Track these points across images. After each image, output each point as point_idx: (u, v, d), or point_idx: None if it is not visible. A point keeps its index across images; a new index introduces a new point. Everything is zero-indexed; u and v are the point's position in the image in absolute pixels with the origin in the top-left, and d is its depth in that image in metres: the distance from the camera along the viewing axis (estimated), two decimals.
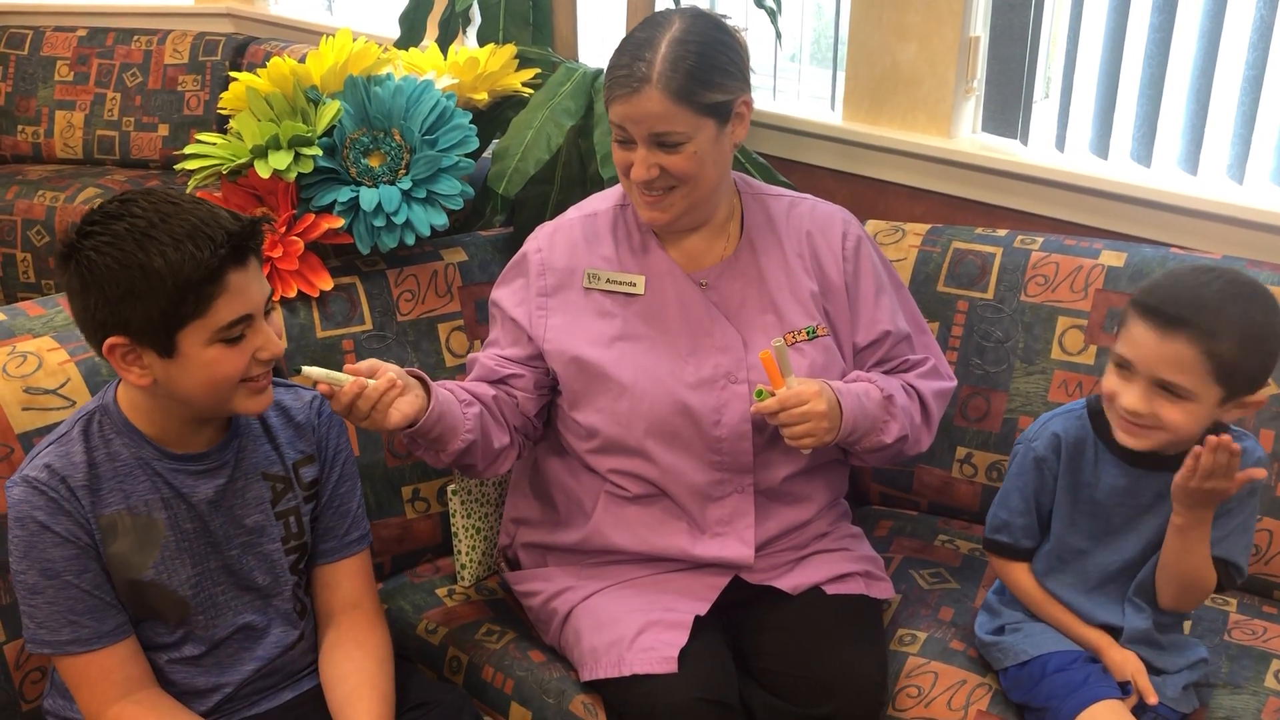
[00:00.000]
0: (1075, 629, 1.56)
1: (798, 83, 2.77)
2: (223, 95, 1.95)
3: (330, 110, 1.84)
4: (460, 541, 1.88)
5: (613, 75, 1.54)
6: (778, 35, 2.40)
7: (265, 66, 1.87)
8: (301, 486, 1.51)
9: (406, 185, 1.86)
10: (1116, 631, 1.54)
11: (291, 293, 1.82)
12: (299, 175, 1.81)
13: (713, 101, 1.53)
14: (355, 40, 1.91)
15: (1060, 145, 2.23)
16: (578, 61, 2.35)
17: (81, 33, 3.87)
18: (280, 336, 1.38)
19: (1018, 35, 2.22)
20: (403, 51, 2.19)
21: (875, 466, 2.02)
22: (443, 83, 1.99)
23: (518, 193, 1.98)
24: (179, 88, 3.77)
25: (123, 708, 1.37)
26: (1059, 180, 2.17)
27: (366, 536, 1.59)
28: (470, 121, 1.92)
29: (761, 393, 1.52)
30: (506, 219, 2.25)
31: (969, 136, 2.36)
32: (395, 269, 1.95)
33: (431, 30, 2.34)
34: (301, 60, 1.88)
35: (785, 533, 1.68)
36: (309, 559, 1.55)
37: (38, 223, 3.41)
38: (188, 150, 1.86)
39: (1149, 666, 1.52)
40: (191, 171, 1.85)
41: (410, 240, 1.86)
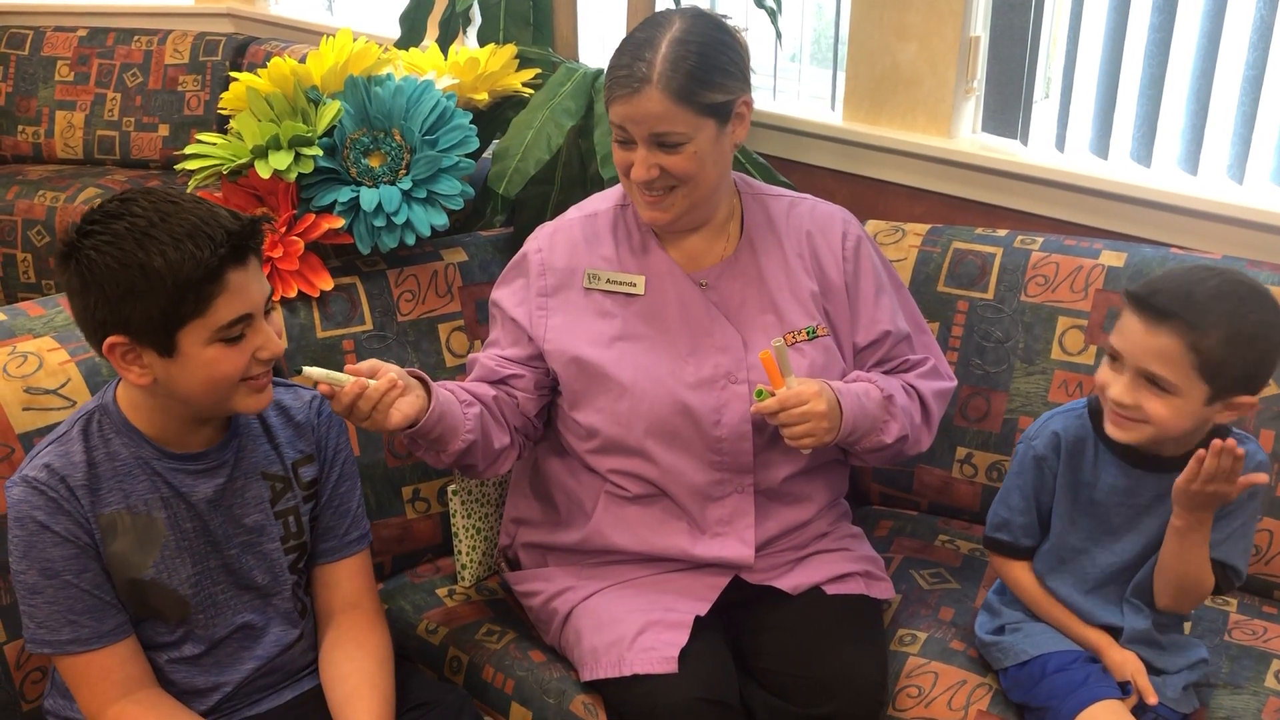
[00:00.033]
0: (1075, 629, 1.56)
1: (798, 83, 2.77)
2: (223, 95, 1.95)
3: (330, 110, 1.84)
4: (460, 541, 1.88)
5: (613, 75, 1.54)
6: (778, 35, 2.40)
7: (266, 67, 1.87)
8: (301, 486, 1.51)
9: (407, 185, 1.86)
10: (1117, 631, 1.54)
11: (292, 293, 1.82)
12: (299, 175, 1.81)
13: (713, 102, 1.53)
14: (355, 40, 1.91)
15: (1060, 145, 2.23)
16: (578, 62, 2.35)
17: (82, 33, 3.87)
18: (280, 336, 1.38)
19: (1018, 35, 2.22)
20: (403, 51, 2.19)
21: (875, 466, 2.02)
22: (443, 83, 1.99)
23: (518, 193, 1.98)
24: (179, 88, 3.77)
25: (123, 707, 1.37)
26: (1059, 180, 2.17)
27: (366, 536, 1.59)
28: (470, 122, 1.92)
29: (761, 393, 1.52)
30: (507, 219, 2.25)
31: (969, 136, 2.36)
32: (395, 269, 1.95)
33: (432, 30, 2.34)
34: (302, 60, 1.88)
35: (785, 533, 1.69)
36: (309, 558, 1.55)
37: (38, 223, 3.41)
38: (188, 150, 1.86)
39: (1149, 666, 1.52)
40: (192, 171, 1.85)
41: (410, 240, 1.86)
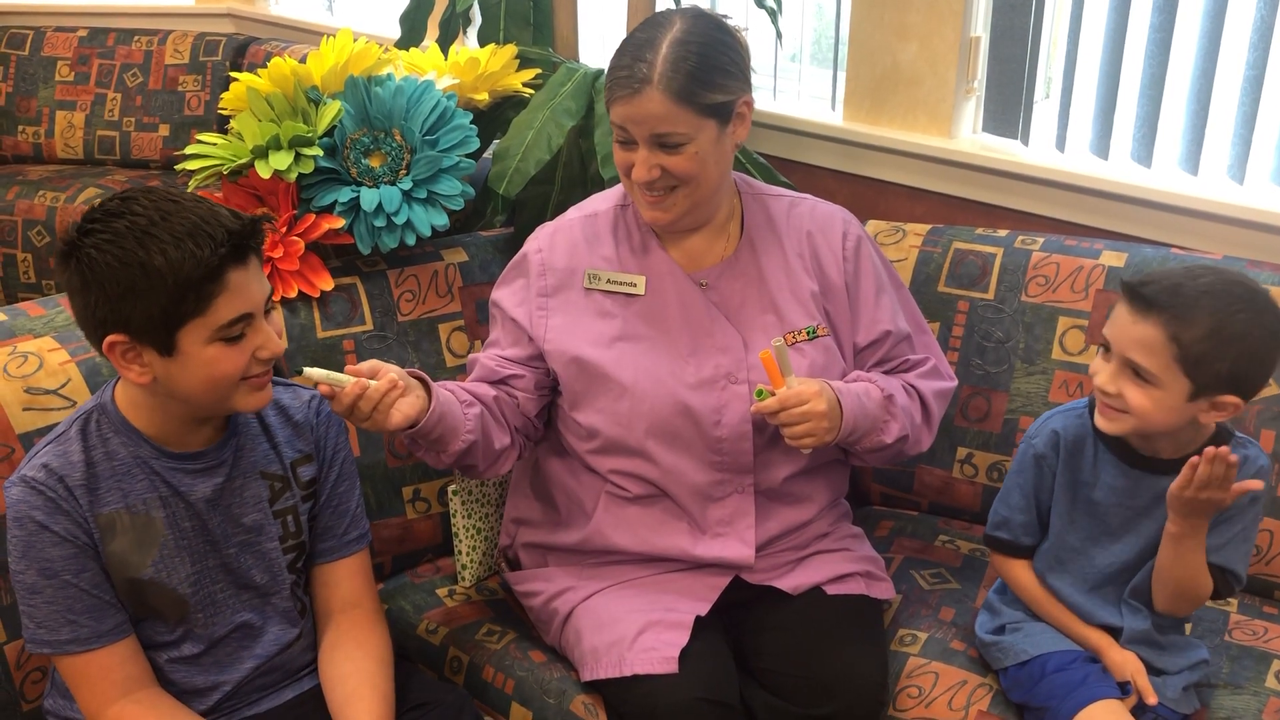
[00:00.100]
0: (1075, 629, 1.56)
1: (798, 83, 2.77)
2: (223, 95, 1.95)
3: (331, 110, 1.84)
4: (461, 542, 1.88)
5: (614, 76, 1.54)
6: (778, 35, 2.40)
7: (266, 67, 1.87)
8: (299, 485, 1.51)
9: (407, 185, 1.86)
10: (1117, 631, 1.54)
11: (292, 293, 1.82)
12: (300, 175, 1.81)
13: (714, 102, 1.53)
14: (356, 40, 1.91)
15: (1061, 145, 2.23)
16: (578, 62, 2.35)
17: (82, 33, 3.87)
18: (280, 336, 1.38)
19: (1018, 35, 2.22)
20: (403, 52, 2.19)
21: (876, 466, 2.02)
22: (443, 83, 1.99)
23: (518, 193, 1.98)
24: (180, 88, 3.77)
25: (123, 707, 1.37)
26: (1059, 180, 2.17)
27: (366, 536, 1.59)
28: (471, 122, 1.92)
29: (762, 392, 1.52)
30: (507, 219, 2.25)
31: (969, 137, 2.36)
32: (396, 269, 1.95)
33: (432, 30, 2.34)
34: (302, 60, 1.88)
35: (786, 533, 1.68)
36: (308, 558, 1.55)
37: (38, 223, 3.41)
38: (188, 150, 1.86)
39: (1149, 667, 1.51)
40: (192, 172, 1.85)
41: (411, 240, 1.86)
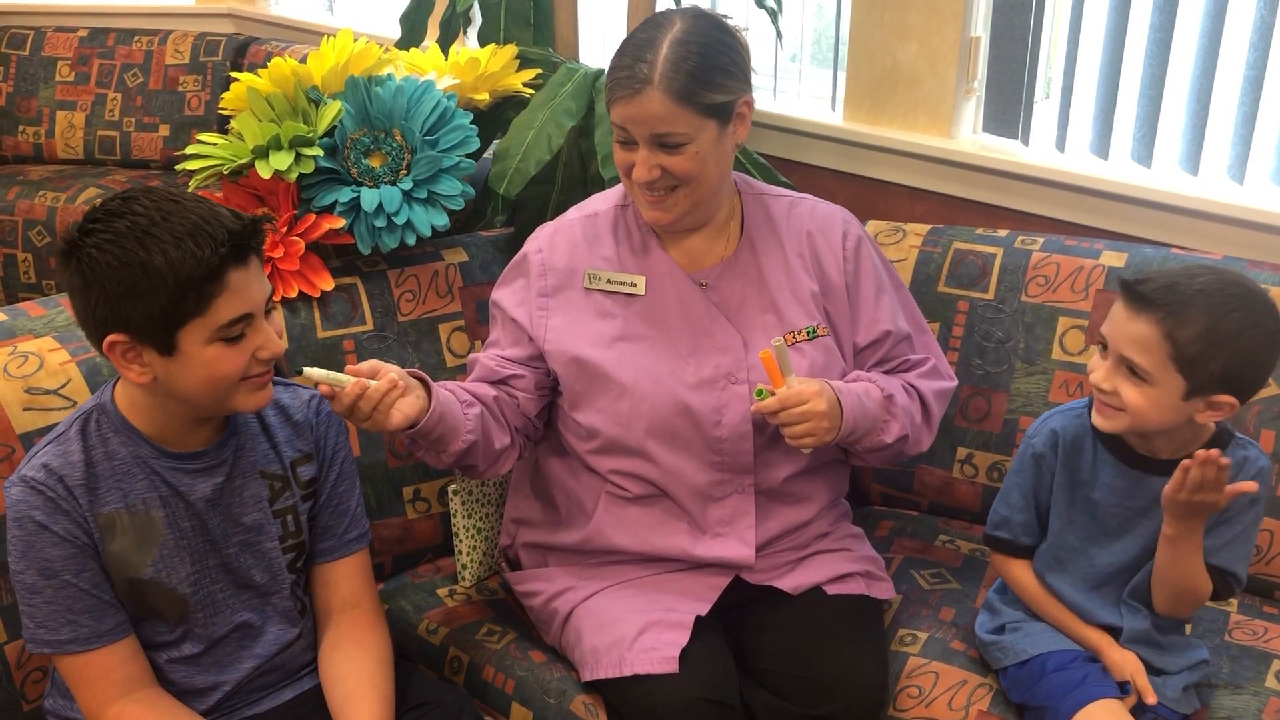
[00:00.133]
0: (1075, 628, 1.56)
1: (798, 83, 2.77)
2: (224, 95, 1.95)
3: (331, 110, 1.84)
4: (461, 542, 1.88)
5: (614, 76, 1.54)
6: (778, 35, 2.40)
7: (266, 67, 1.87)
8: (299, 485, 1.51)
9: (407, 185, 1.86)
10: (1117, 631, 1.54)
11: (292, 293, 1.82)
12: (300, 175, 1.81)
13: (714, 102, 1.53)
14: (356, 40, 1.91)
15: (1061, 145, 2.23)
16: (579, 62, 2.35)
17: (82, 33, 3.87)
18: (281, 336, 1.38)
19: (1018, 35, 2.22)
20: (404, 52, 2.19)
21: (876, 466, 2.02)
22: (444, 83, 1.99)
23: (518, 193, 1.98)
24: (180, 88, 3.77)
25: (123, 707, 1.37)
26: (1059, 180, 2.17)
27: (365, 535, 1.59)
28: (471, 122, 1.92)
29: (762, 392, 1.52)
30: (507, 219, 2.25)
31: (969, 137, 2.36)
32: (396, 269, 1.95)
33: (432, 31, 2.34)
34: (302, 60, 1.88)
35: (786, 533, 1.68)
36: (308, 558, 1.55)
37: (39, 223, 3.41)
38: (189, 150, 1.86)
39: (1149, 667, 1.51)
40: (193, 172, 1.85)
41: (411, 240, 1.86)
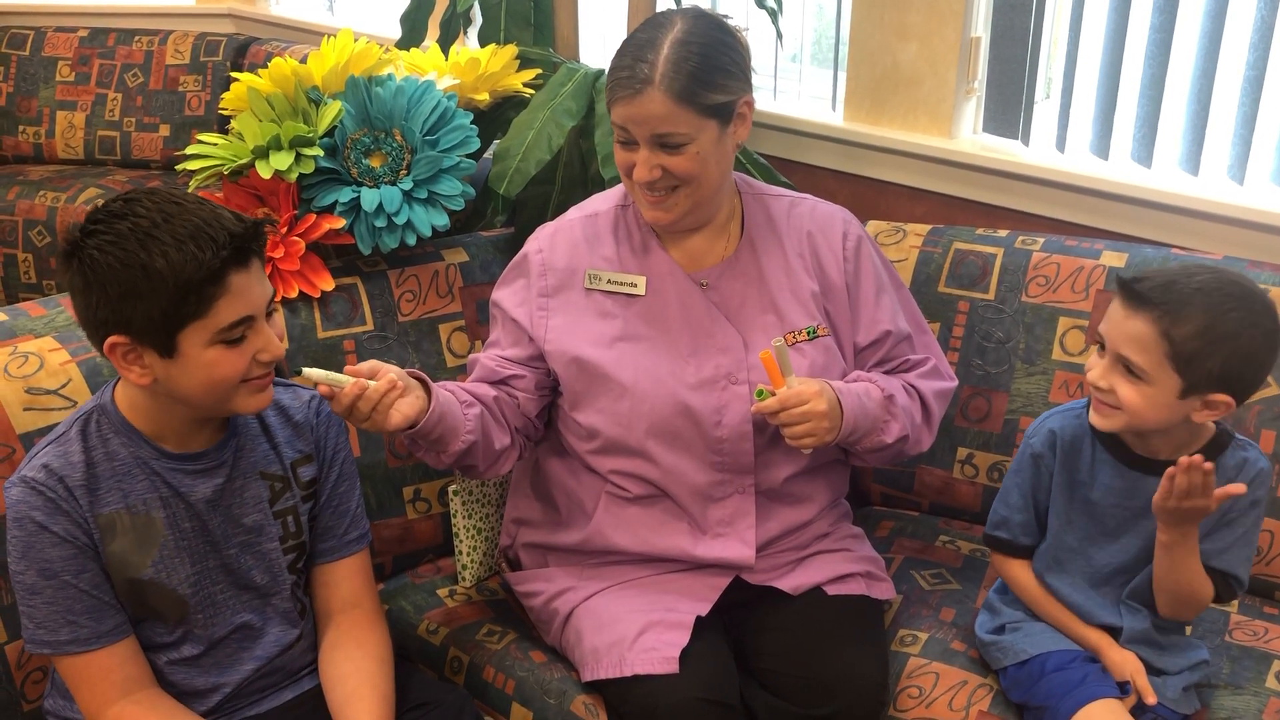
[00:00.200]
0: (1075, 628, 1.56)
1: (799, 83, 2.77)
2: (224, 95, 1.95)
3: (331, 111, 1.84)
4: (461, 542, 1.88)
5: (615, 77, 1.54)
6: (779, 35, 2.40)
7: (266, 67, 1.87)
8: (299, 486, 1.51)
9: (408, 186, 1.86)
10: (1117, 631, 1.54)
11: (293, 293, 1.83)
12: (300, 176, 1.81)
13: (715, 102, 1.53)
14: (356, 41, 1.91)
15: (1061, 146, 2.23)
16: (579, 62, 2.35)
17: (83, 33, 3.87)
18: (282, 338, 1.38)
19: (1019, 36, 2.22)
20: (404, 52, 2.19)
21: (876, 467, 2.03)
22: (444, 83, 1.99)
23: (519, 193, 1.98)
24: (180, 88, 3.77)
25: (123, 708, 1.37)
26: (1060, 181, 2.17)
27: (366, 536, 1.59)
28: (471, 122, 1.92)
29: (762, 392, 1.52)
30: (507, 219, 2.25)
31: (970, 137, 2.36)
32: (396, 269, 1.95)
33: (433, 31, 2.34)
34: (303, 61, 1.88)
35: (786, 533, 1.68)
36: (308, 558, 1.55)
37: (39, 223, 3.41)
38: (189, 151, 1.86)
39: (1149, 667, 1.51)
40: (193, 172, 1.85)
41: (411, 241, 1.86)
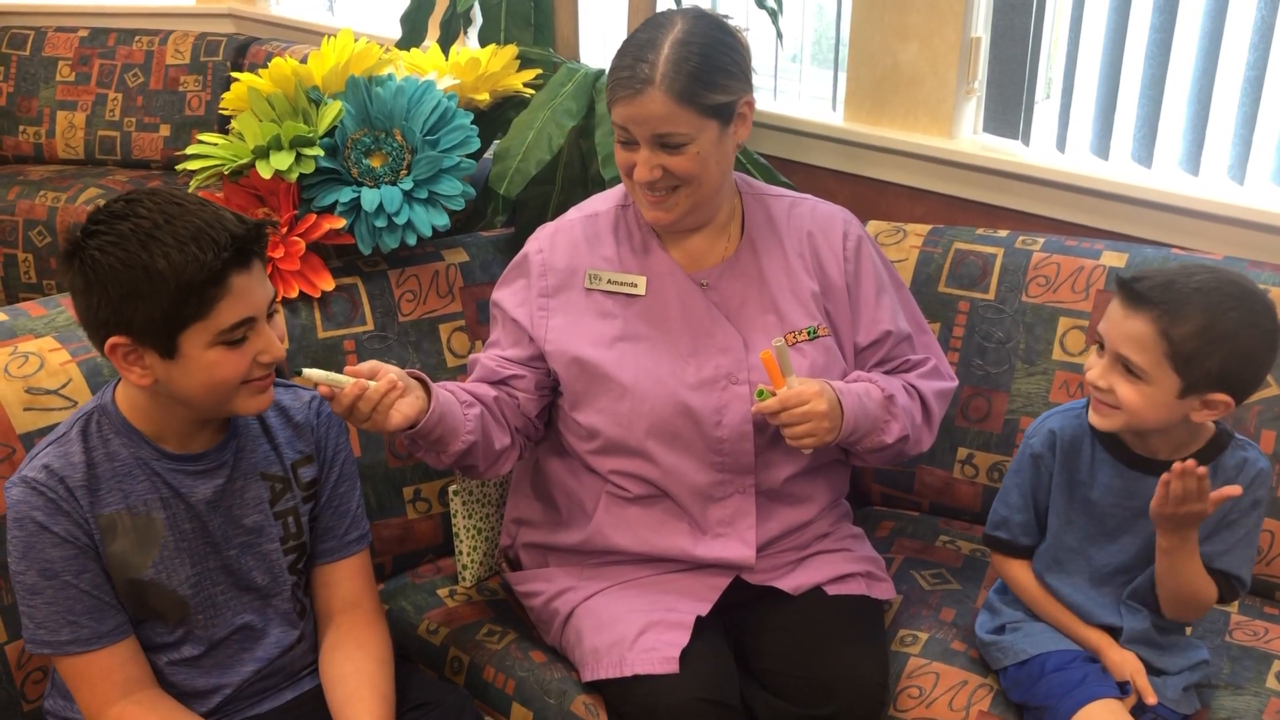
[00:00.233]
0: (1075, 628, 1.56)
1: (799, 83, 2.77)
2: (224, 95, 1.95)
3: (332, 111, 1.84)
4: (461, 542, 1.88)
5: (615, 77, 1.54)
6: (779, 36, 2.40)
7: (267, 67, 1.87)
8: (300, 486, 1.51)
9: (408, 186, 1.86)
10: (1117, 631, 1.54)
11: (293, 293, 1.83)
12: (300, 176, 1.81)
13: (715, 102, 1.53)
14: (357, 41, 1.91)
15: (1061, 146, 2.23)
16: (579, 62, 2.35)
17: (83, 33, 3.87)
18: (283, 339, 1.38)
19: (1019, 36, 2.22)
20: (404, 52, 2.19)
21: (876, 467, 2.03)
22: (444, 83, 1.99)
23: (519, 193, 1.98)
24: (180, 88, 3.77)
25: (123, 708, 1.37)
26: (1060, 181, 2.17)
27: (366, 536, 1.59)
28: (471, 122, 1.92)
29: (762, 393, 1.52)
30: (508, 219, 2.25)
31: (970, 137, 2.36)
32: (397, 269, 1.95)
33: (433, 31, 2.34)
34: (303, 61, 1.88)
35: (786, 533, 1.69)
36: (308, 559, 1.55)
37: (39, 223, 3.41)
38: (189, 151, 1.86)
39: (1149, 667, 1.52)
40: (193, 172, 1.85)
41: (411, 241, 1.86)
